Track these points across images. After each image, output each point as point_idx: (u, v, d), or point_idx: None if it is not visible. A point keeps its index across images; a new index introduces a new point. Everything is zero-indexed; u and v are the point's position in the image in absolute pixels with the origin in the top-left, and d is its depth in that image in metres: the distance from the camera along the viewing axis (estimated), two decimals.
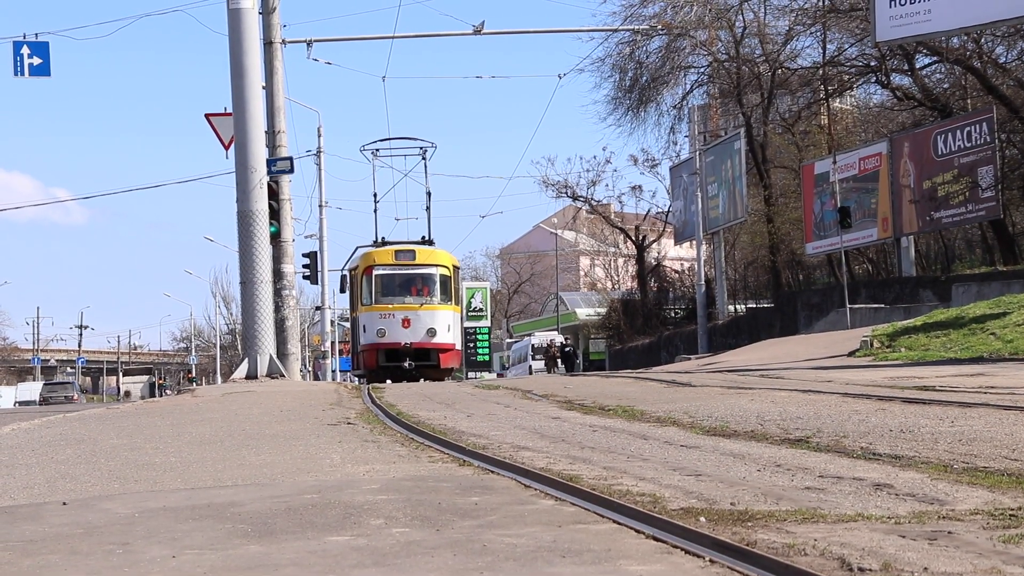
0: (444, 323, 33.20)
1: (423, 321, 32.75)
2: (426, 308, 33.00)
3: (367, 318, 33.25)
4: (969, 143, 31.07)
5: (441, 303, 33.42)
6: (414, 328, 32.55)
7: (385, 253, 33.71)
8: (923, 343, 21.58)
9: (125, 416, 15.39)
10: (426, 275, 33.57)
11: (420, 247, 34.49)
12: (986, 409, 10.12)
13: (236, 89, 23.42)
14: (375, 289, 33.03)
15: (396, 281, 33.42)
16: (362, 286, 33.40)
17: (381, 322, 32.70)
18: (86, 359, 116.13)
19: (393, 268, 33.28)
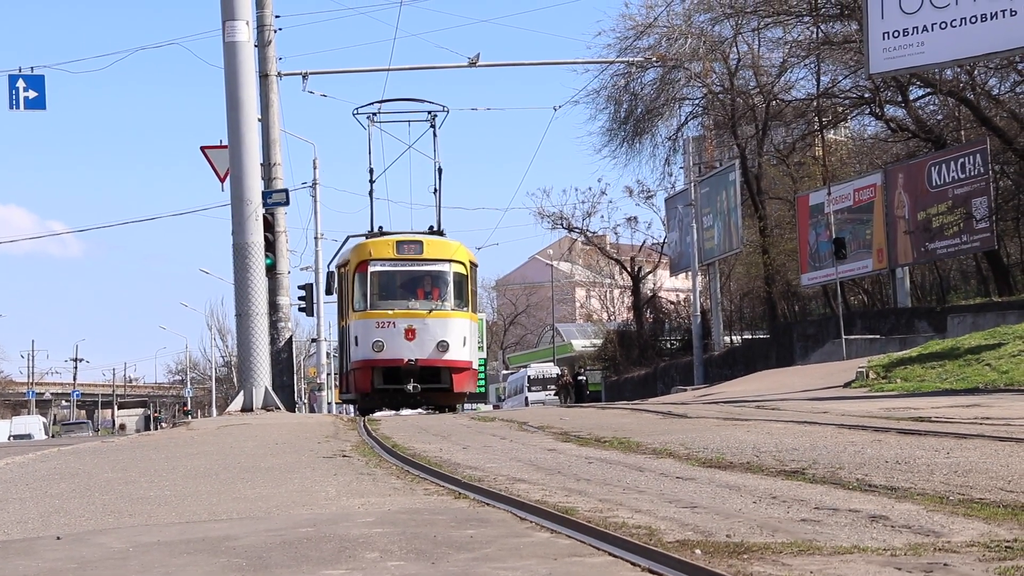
0: (459, 335, 26.58)
1: (432, 332, 26.25)
2: (436, 315, 26.38)
3: (360, 327, 26.40)
4: (963, 174, 31.13)
5: (455, 309, 26.69)
6: (420, 341, 26.04)
7: (384, 244, 26.86)
8: (919, 374, 21.57)
9: (120, 449, 15.36)
10: (436, 273, 26.95)
11: (429, 237, 27.45)
12: (982, 440, 10.11)
13: (232, 122, 23.46)
14: (371, 290, 26.52)
15: (398, 280, 26.91)
16: (354, 286, 26.69)
17: (378, 332, 25.97)
18: (81, 392, 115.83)
19: (394, 264, 26.71)
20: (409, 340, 25.94)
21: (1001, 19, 21.51)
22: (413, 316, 26.22)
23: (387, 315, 26.16)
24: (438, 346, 25.98)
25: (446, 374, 26.27)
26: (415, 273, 26.87)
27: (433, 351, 25.95)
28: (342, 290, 27.87)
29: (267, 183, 27.46)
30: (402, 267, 26.72)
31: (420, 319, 26.18)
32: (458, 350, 26.34)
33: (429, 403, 26.54)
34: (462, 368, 26.61)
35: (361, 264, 26.57)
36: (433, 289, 26.75)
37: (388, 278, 26.81)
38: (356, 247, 27.28)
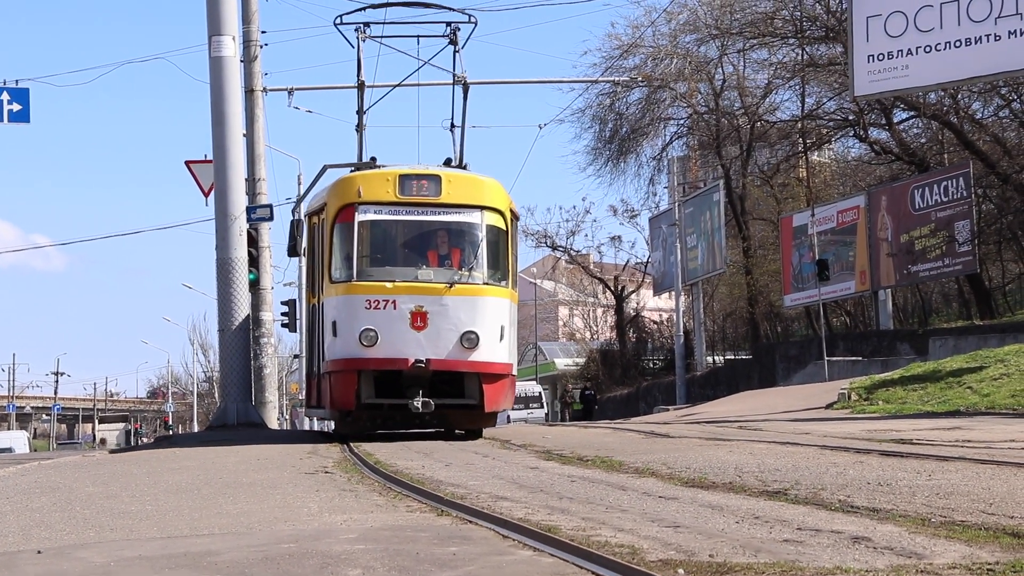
0: (494, 322, 17.62)
1: (454, 317, 17.34)
2: (460, 291, 17.47)
3: (340, 307, 17.66)
4: (946, 197, 31.27)
5: (490, 282, 17.81)
6: (435, 330, 17.24)
7: (380, 180, 17.92)
8: (900, 396, 21.62)
9: (101, 464, 15.31)
10: (462, 226, 18.02)
11: (449, 171, 18.46)
12: (963, 463, 10.14)
13: (217, 136, 23.45)
14: (359, 250, 17.67)
15: (401, 235, 18.27)
16: (332, 244, 17.91)
17: (369, 316, 17.22)
18: (61, 406, 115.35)
19: (396, 210, 17.87)
20: (418, 329, 17.13)
21: (985, 44, 21.64)
22: (424, 292, 17.28)
23: (384, 289, 17.26)
24: (463, 339, 17.20)
25: (474, 384, 17.49)
26: (428, 225, 17.99)
27: (455, 347, 17.25)
28: (314, 251, 19.39)
29: (251, 198, 27.43)
30: (408, 215, 17.86)
31: (435, 297, 17.29)
32: (493, 346, 17.46)
33: (445, 426, 18.51)
34: (498, 375, 17.69)
35: (344, 210, 17.74)
36: (454, 250, 17.96)
37: (386, 232, 18.16)
38: (338, 184, 18.31)
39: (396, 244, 18.38)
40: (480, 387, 17.51)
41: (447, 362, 17.32)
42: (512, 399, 19.44)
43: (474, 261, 17.84)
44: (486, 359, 17.51)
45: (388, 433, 18.44)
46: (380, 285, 17.46)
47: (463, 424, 18.48)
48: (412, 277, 17.60)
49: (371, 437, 17.72)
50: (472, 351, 17.34)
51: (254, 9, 28.35)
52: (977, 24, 21.67)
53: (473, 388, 17.60)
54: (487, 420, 18.38)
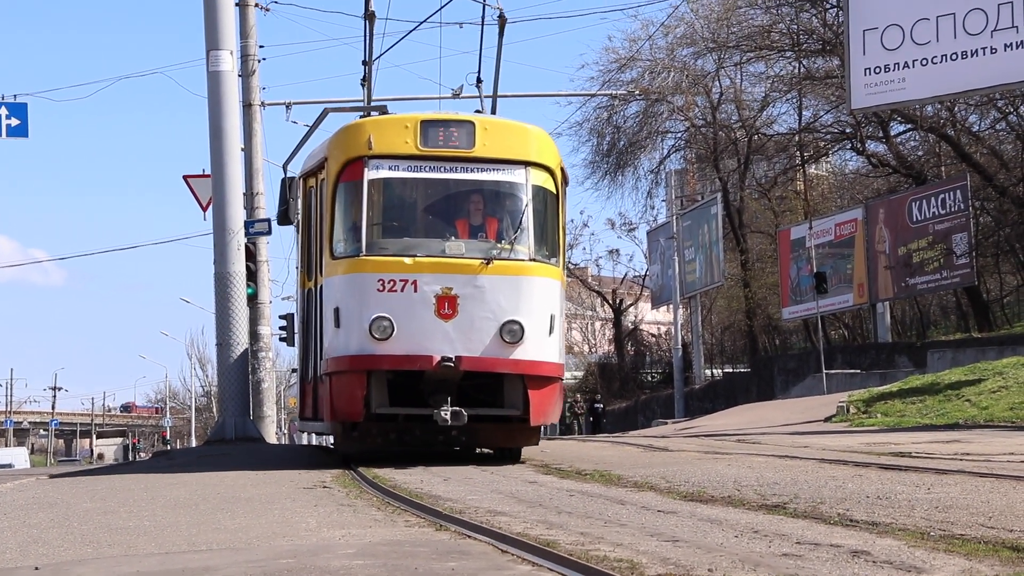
0: (543, 310, 14.22)
1: (491, 303, 13.96)
2: (500, 270, 14.06)
3: (345, 289, 14.33)
4: (944, 210, 31.31)
5: (538, 258, 14.35)
6: (467, 319, 13.87)
7: (397, 127, 14.54)
8: (899, 409, 21.61)
9: (99, 479, 15.28)
10: (502, 185, 14.69)
11: (484, 117, 15.26)
12: (962, 476, 10.13)
13: (215, 150, 23.42)
14: (369, 216, 14.29)
15: (423, 197, 14.91)
16: (334, 209, 14.59)
17: (382, 300, 13.83)
18: (59, 421, 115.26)
19: (417, 165, 14.47)
20: (445, 317, 13.76)
21: (981, 56, 21.67)
22: (454, 269, 13.94)
23: (401, 266, 13.88)
24: (504, 331, 13.79)
25: (516, 389, 14.03)
26: (459, 185, 14.66)
27: (493, 342, 13.81)
28: (310, 220, 15.95)
29: (250, 212, 27.43)
30: (432, 172, 14.44)
31: (468, 276, 13.89)
32: (541, 340, 14.04)
33: (475, 443, 15.06)
34: (548, 378, 14.27)
35: (350, 166, 14.40)
36: (491, 218, 14.60)
37: (404, 194, 14.82)
38: (342, 134, 14.88)
39: (417, 209, 14.79)
40: (525, 393, 13.84)
41: (483, 360, 13.72)
42: (560, 409, 15.62)
43: (517, 231, 14.21)
44: (533, 357, 13.87)
45: (403, 452, 14.88)
46: (397, 261, 13.88)
47: (500, 441, 14.95)
48: (438, 251, 14.06)
49: (382, 457, 14.44)
50: (515, 346, 13.76)
51: (252, 24, 28.38)
52: (973, 37, 21.71)
53: (515, 395, 13.94)
54: (531, 436, 14.72)
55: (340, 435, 15.01)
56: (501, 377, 14.08)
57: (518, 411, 14.04)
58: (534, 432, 14.82)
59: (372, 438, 14.66)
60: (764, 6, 39.53)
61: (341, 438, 15.06)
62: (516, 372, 13.94)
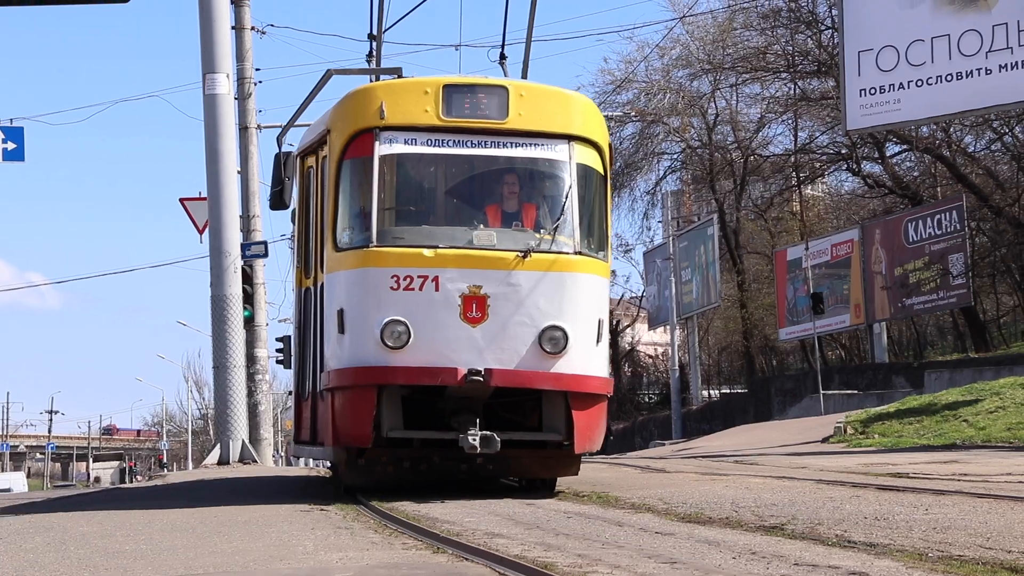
0: (590, 312, 12.18)
1: (529, 304, 11.87)
2: (540, 263, 11.95)
3: (350, 289, 12.15)
4: (940, 231, 31.36)
5: (583, 251, 12.24)
6: (499, 324, 11.78)
7: (413, 92, 12.32)
8: (896, 429, 21.59)
9: (95, 502, 15.25)
10: (541, 164, 12.54)
11: (520, 82, 13.17)
12: (960, 497, 10.13)
13: (211, 173, 23.50)
14: (381, 200, 12.13)
15: (447, 177, 12.82)
16: (337, 192, 12.42)
17: (395, 301, 11.75)
18: (56, 445, 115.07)
19: (439, 139, 12.31)
20: (472, 322, 11.72)
21: (976, 77, 21.73)
22: (484, 264, 11.86)
23: (420, 260, 11.77)
24: (544, 339, 11.74)
25: (558, 409, 12.01)
26: (489, 163, 12.48)
27: (531, 352, 11.76)
28: (308, 206, 13.58)
29: (246, 235, 27.47)
30: (458, 147, 12.32)
31: (501, 272, 11.81)
32: (587, 350, 12.04)
33: (504, 472, 13.08)
34: (595, 396, 12.20)
35: (359, 139, 12.24)
36: (527, 203, 12.51)
37: (423, 173, 12.72)
38: (349, 101, 12.56)
39: (438, 191, 12.66)
40: (568, 414, 11.83)
41: (518, 374, 11.63)
42: (604, 429, 12.68)
43: (560, 219, 12.08)
44: (577, 370, 11.80)
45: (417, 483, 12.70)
46: (414, 253, 11.72)
47: (535, 471, 12.85)
48: (464, 241, 11.92)
49: (395, 489, 12.38)
50: (556, 358, 11.68)
51: (248, 47, 28.46)
52: (968, 58, 21.76)
53: (556, 416, 11.93)
54: (570, 465, 12.67)
55: (344, 464, 12.56)
56: (538, 395, 12.02)
57: (560, 435, 11.95)
58: (575, 460, 12.63)
59: (382, 467, 12.45)
60: (759, 28, 39.64)
61: (345, 467, 12.59)
62: (558, 388, 11.82)
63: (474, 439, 11.53)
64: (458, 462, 12.35)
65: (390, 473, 12.55)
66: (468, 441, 11.53)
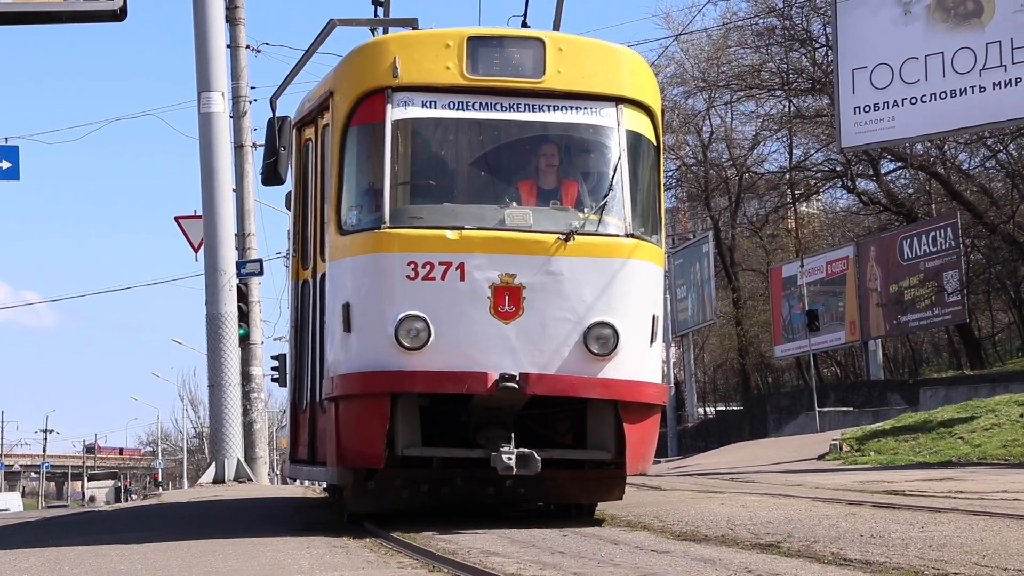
0: (643, 306, 10.32)
1: (572, 296, 9.98)
2: (586, 248, 10.09)
3: (358, 278, 10.23)
4: (934, 248, 31.43)
5: (636, 232, 10.30)
6: (537, 319, 9.93)
7: (432, 45, 10.39)
8: (892, 447, 21.58)
9: (90, 522, 15.21)
10: (585, 130, 10.65)
11: (556, 35, 10.85)
12: (955, 514, 10.12)
13: (206, 192, 23.50)
14: (395, 173, 10.21)
15: (473, 146, 10.82)
16: (342, 165, 10.51)
17: (412, 292, 9.88)
18: (50, 464, 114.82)
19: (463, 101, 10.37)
20: (504, 317, 9.98)
21: (970, 95, 21.80)
22: (518, 248, 10.09)
23: (442, 243, 10.04)
24: (590, 338, 10.03)
25: (606, 421, 10.26)
26: (523, 129, 10.71)
27: (574, 353, 10.04)
28: (305, 183, 11.85)
29: (241, 253, 27.45)
30: (484, 111, 10.50)
31: (539, 259, 10.06)
32: (641, 352, 10.35)
33: (543, 498, 11.51)
34: (648, 406, 10.46)
35: (367, 102, 10.46)
36: (567, 179, 10.71)
37: (445, 142, 10.93)
38: (357, 57, 10.81)
39: (463, 163, 10.82)
40: (619, 428, 10.06)
41: (559, 380, 9.88)
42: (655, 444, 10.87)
43: (608, 196, 10.31)
44: (629, 376, 10.07)
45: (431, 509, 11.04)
46: (435, 236, 9.98)
47: (575, 495, 11.18)
48: (495, 222, 10.13)
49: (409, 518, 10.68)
50: (605, 360, 9.94)
51: (243, 65, 28.48)
52: (962, 76, 21.85)
53: (604, 429, 10.16)
54: (614, 487, 11.05)
55: (351, 487, 10.62)
56: (579, 405, 10.25)
57: (608, 453, 10.19)
58: (621, 482, 10.94)
59: (395, 491, 10.68)
60: (754, 45, 39.76)
61: (352, 491, 10.64)
62: (607, 397, 10.01)
63: (509, 458, 9.70)
64: (484, 484, 10.70)
65: (404, 498, 10.74)
66: (502, 460, 9.70)
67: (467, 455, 10.26)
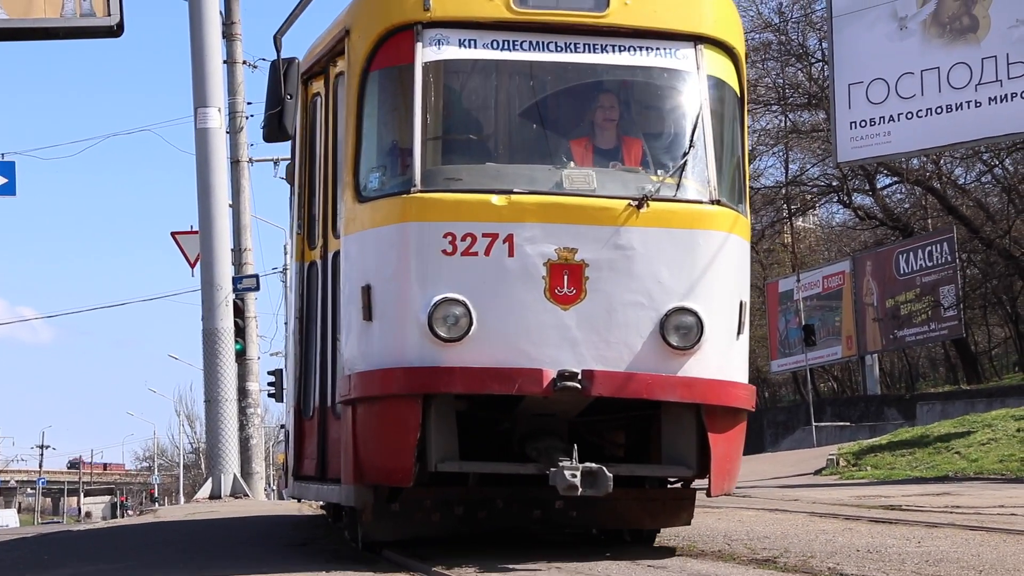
0: (729, 288, 8.67)
1: (646, 276, 8.24)
2: (662, 216, 8.33)
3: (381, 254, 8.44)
4: (931, 262, 31.45)
5: (722, 198, 8.61)
6: (603, 304, 8.18)
7: None
8: (888, 462, 21.57)
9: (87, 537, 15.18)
10: (657, 75, 8.83)
11: None
12: (952, 529, 10.11)
13: (202, 207, 23.47)
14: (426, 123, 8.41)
15: (522, 94, 8.95)
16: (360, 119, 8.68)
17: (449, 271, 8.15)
18: (46, 479, 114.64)
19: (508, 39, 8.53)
20: (562, 302, 8.21)
21: (966, 110, 21.84)
22: (579, 216, 8.32)
23: (486, 210, 8.26)
24: (667, 328, 8.31)
25: (684, 428, 8.59)
26: (580, 73, 8.92)
27: (648, 346, 8.29)
28: (313, 144, 10.19)
29: (237, 268, 27.46)
30: (534, 52, 8.65)
31: (605, 228, 8.29)
32: (727, 346, 8.69)
33: (599, 524, 9.68)
34: (736, 412, 8.85)
35: (392, 41, 8.64)
36: (629, 138, 8.92)
37: (486, 87, 9.12)
38: None
39: (509, 115, 9.02)
40: (703, 436, 8.49)
41: (632, 380, 8.20)
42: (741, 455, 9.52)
43: (688, 154, 8.60)
44: (715, 374, 8.46)
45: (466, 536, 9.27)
46: (478, 202, 8.28)
47: (638, 519, 9.40)
48: (551, 185, 8.43)
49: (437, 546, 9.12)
50: (687, 355, 8.31)
51: (240, 80, 28.52)
52: (958, 91, 21.89)
53: (682, 440, 8.56)
54: (685, 511, 9.53)
55: (370, 509, 8.81)
56: (647, 410, 8.65)
57: (690, 470, 8.67)
58: (690, 503, 9.46)
59: (424, 515, 8.87)
60: (750, 60, 39.76)
61: (372, 514, 8.85)
62: (689, 400, 8.37)
63: (573, 475, 7.82)
64: (529, 507, 8.96)
65: (434, 523, 8.91)
66: (565, 478, 7.82)
67: (516, 471, 8.44)
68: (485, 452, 8.59)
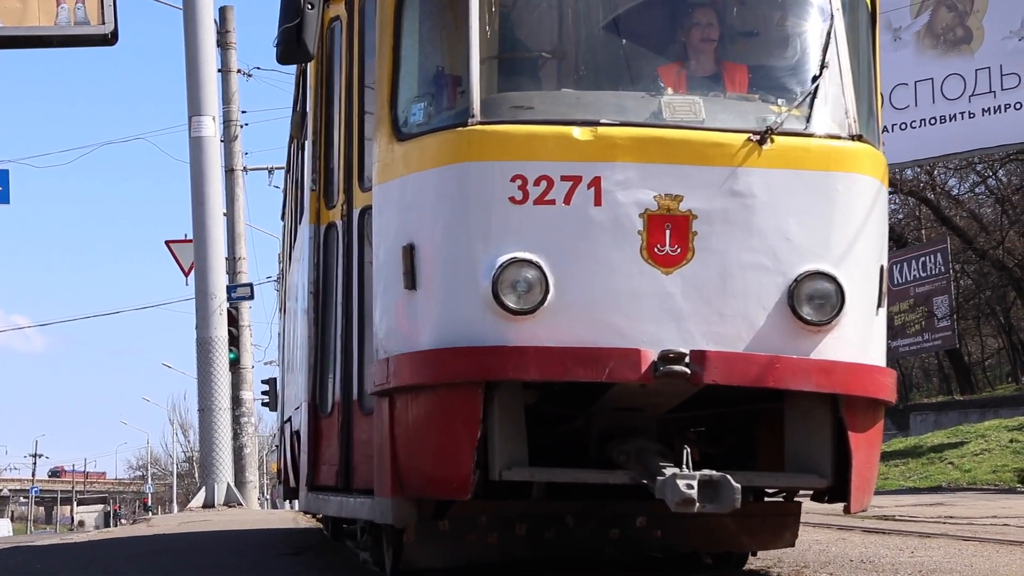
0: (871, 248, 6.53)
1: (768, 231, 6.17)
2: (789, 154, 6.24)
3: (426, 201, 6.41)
4: (924, 273, 31.47)
5: (861, 133, 6.47)
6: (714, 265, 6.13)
7: None
8: (882, 472, 21.61)
9: (80, 547, 15.15)
10: None
11: None
12: (945, 539, 10.12)
13: (197, 216, 23.47)
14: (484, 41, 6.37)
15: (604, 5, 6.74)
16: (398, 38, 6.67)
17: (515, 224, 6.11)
18: (40, 488, 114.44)
19: None
20: (663, 263, 6.14)
21: (959, 121, 21.90)
22: (683, 155, 6.23)
23: (566, 145, 6.18)
24: (798, 298, 6.21)
25: (816, 426, 6.46)
26: None
27: (772, 319, 6.19)
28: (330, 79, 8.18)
29: (232, 277, 27.47)
30: None
31: (716, 170, 6.20)
32: (867, 321, 6.59)
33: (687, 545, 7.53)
34: (877, 404, 6.88)
35: None
36: (733, 64, 6.84)
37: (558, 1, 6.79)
38: None
39: (586, 30, 7.01)
40: (840, 438, 6.52)
41: (753, 363, 6.21)
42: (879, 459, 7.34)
43: (819, 80, 6.57)
44: (855, 356, 6.56)
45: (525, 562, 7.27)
46: (555, 135, 6.32)
47: (736, 539, 7.56)
48: (646, 115, 6.47)
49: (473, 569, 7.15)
50: (823, 332, 6.36)
51: (234, 89, 28.54)
52: (951, 102, 21.95)
53: (815, 441, 6.58)
54: (789, 530, 7.71)
55: (413, 529, 6.84)
56: (781, 399, 6.60)
57: (824, 478, 6.54)
58: (794, 520, 7.71)
59: (480, 536, 6.96)
60: None
61: (415, 534, 6.88)
62: (826, 390, 6.42)
63: (689, 485, 5.92)
64: (606, 524, 7.13)
65: (491, 546, 6.99)
66: (678, 489, 5.92)
67: (604, 480, 6.46)
68: (565, 455, 6.65)
